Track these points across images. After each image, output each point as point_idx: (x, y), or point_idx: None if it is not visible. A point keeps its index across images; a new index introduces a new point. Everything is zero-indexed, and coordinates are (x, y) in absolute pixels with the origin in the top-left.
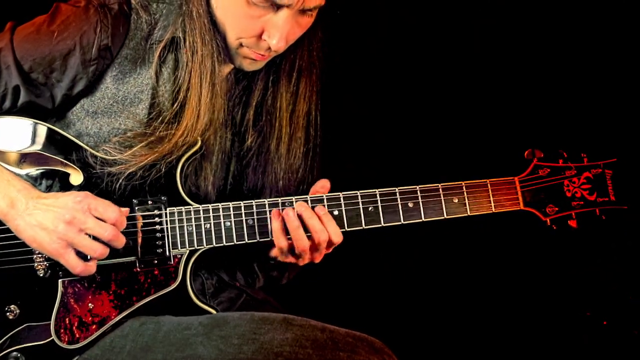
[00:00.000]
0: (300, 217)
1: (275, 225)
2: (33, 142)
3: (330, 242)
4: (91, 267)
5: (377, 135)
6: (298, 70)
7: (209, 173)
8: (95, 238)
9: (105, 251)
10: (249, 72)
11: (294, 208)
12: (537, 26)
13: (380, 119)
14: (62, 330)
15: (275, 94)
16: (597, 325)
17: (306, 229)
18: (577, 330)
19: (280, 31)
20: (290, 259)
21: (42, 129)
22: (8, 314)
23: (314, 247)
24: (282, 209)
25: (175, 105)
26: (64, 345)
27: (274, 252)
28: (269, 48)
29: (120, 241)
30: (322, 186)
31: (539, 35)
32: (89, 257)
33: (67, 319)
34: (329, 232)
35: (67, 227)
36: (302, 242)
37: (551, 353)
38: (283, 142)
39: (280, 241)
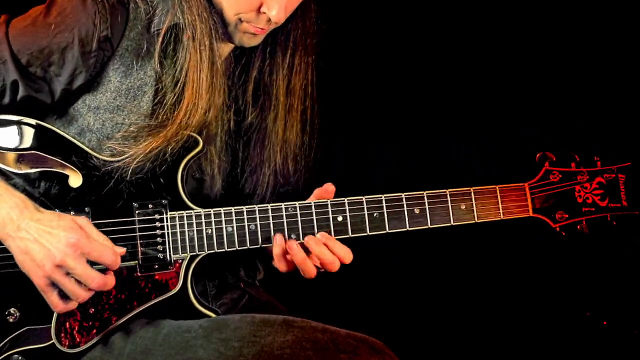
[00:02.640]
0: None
1: (276, 250)
2: (31, 141)
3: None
4: (72, 306)
5: (383, 140)
6: (293, 42)
7: (214, 155)
8: None
9: (89, 295)
10: (247, 50)
11: (295, 239)
12: (548, 25)
13: (387, 123)
14: (62, 334)
15: (272, 67)
16: (597, 325)
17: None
18: (578, 331)
19: (279, 1)
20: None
21: (41, 128)
22: (8, 317)
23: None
24: (287, 240)
25: (177, 88)
26: (65, 349)
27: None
28: (269, 20)
29: (108, 286)
30: (325, 190)
31: (550, 35)
32: None
33: (67, 323)
34: (339, 255)
35: (54, 268)
36: (309, 272)
37: (552, 353)
38: (280, 116)
39: (281, 265)
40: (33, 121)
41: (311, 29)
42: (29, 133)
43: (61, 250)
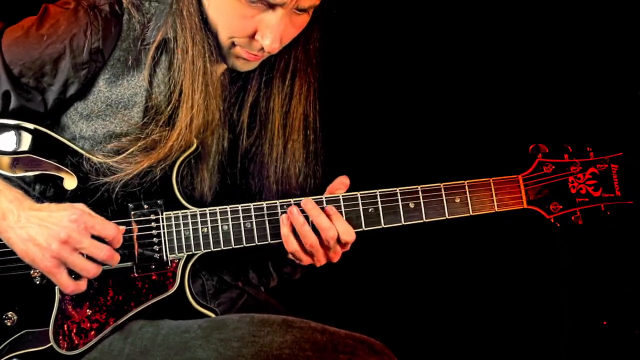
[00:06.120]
0: (307, 216)
1: (284, 231)
2: (26, 145)
3: (340, 240)
4: (82, 286)
5: (377, 134)
6: (293, 71)
7: (205, 175)
8: (89, 257)
9: (99, 270)
10: (243, 73)
11: (298, 206)
12: (538, 19)
13: (380, 117)
14: (60, 337)
15: (269, 95)
16: (597, 325)
17: (315, 229)
18: (578, 331)
19: (273, 32)
20: (307, 260)
21: (36, 132)
22: (6, 321)
23: (325, 246)
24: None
25: (168, 108)
26: (63, 352)
27: (290, 256)
28: (262, 48)
29: (115, 260)
30: (341, 182)
31: (540, 29)
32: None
33: (65, 326)
34: (339, 230)
35: (61, 246)
36: (309, 239)
37: (551, 353)
38: (276, 145)
39: (290, 245)
40: (30, 125)
41: (314, 58)
42: (23, 137)
43: (65, 226)
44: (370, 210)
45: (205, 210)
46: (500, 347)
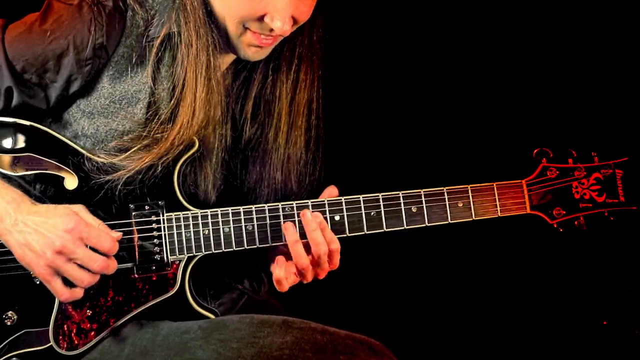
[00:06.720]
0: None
1: (300, 252)
2: (26, 144)
3: (329, 251)
4: (77, 294)
5: (380, 137)
6: (298, 57)
7: (209, 172)
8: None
9: (93, 280)
10: (248, 64)
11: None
12: (544, 21)
13: (383, 121)
14: (60, 337)
15: (275, 82)
16: (597, 325)
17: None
18: (578, 331)
19: (282, 14)
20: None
21: (36, 131)
22: (6, 320)
23: (314, 262)
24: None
25: (171, 103)
26: (63, 352)
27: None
28: (272, 29)
29: (111, 269)
30: (329, 194)
31: (544, 32)
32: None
33: (65, 326)
34: (328, 239)
35: (56, 255)
36: (320, 246)
37: (551, 353)
38: (282, 132)
39: (302, 261)
40: (27, 123)
41: (318, 44)
42: (24, 135)
43: (60, 235)
44: (372, 214)
45: (206, 212)
46: (501, 347)
